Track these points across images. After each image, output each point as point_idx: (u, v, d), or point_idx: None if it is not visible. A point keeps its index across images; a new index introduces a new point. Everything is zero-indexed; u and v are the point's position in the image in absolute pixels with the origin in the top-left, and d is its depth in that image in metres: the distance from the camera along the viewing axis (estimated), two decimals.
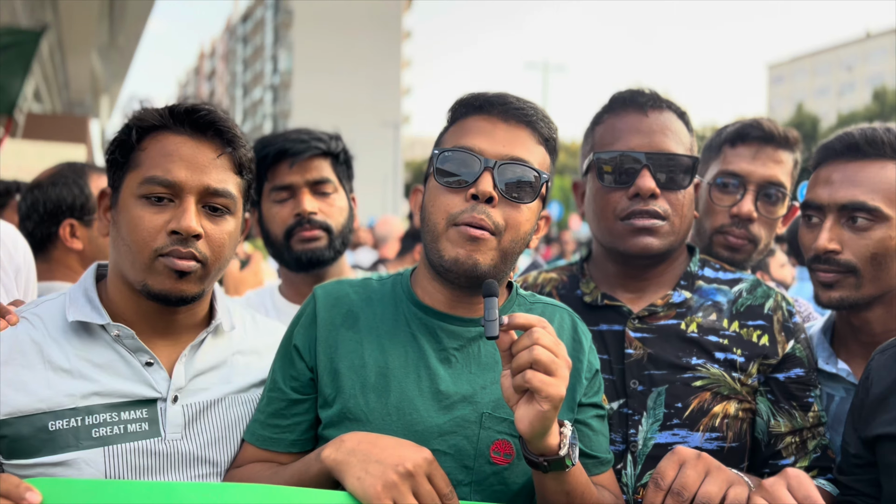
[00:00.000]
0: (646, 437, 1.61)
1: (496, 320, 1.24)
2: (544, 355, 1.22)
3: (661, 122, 1.68)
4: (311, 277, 2.10)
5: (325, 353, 1.48)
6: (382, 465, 1.26)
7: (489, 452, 1.41)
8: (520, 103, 1.47)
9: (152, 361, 1.48)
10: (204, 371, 1.55)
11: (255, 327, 1.71)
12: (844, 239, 1.69)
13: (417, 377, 1.44)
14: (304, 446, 1.50)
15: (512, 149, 1.42)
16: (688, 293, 1.71)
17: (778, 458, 1.65)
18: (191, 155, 1.45)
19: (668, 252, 1.69)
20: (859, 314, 1.74)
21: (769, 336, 1.67)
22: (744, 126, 2.05)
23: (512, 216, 1.41)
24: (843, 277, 1.69)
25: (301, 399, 1.49)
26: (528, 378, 1.21)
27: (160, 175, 1.43)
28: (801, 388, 1.67)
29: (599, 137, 1.74)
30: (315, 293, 1.56)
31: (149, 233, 1.42)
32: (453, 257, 1.39)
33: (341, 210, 2.09)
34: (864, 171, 1.69)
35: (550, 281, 1.84)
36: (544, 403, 1.21)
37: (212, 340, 1.58)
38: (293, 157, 2.03)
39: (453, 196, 1.41)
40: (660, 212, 1.64)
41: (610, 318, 1.71)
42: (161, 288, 1.44)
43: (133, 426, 1.44)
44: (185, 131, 1.47)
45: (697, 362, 1.63)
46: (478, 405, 1.43)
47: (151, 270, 1.43)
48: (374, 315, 1.51)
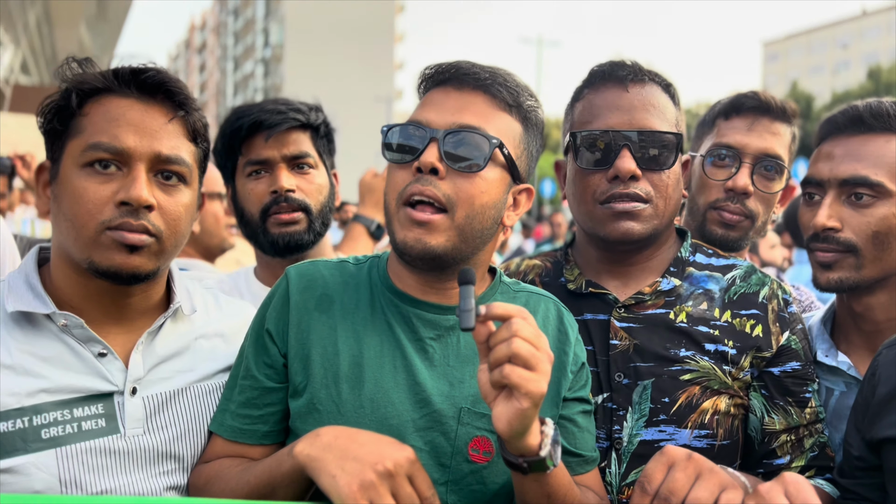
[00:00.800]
0: (631, 433, 1.51)
1: (472, 310, 1.13)
2: (524, 348, 1.11)
3: (642, 97, 1.55)
4: (288, 261, 1.95)
5: (296, 338, 1.38)
6: (360, 462, 1.16)
7: (467, 450, 1.32)
8: (475, 68, 1.35)
9: (105, 352, 1.36)
10: (164, 359, 1.43)
11: (218, 309, 1.59)
12: (845, 216, 1.59)
13: (393, 368, 1.34)
14: (278, 438, 1.41)
15: (461, 116, 1.32)
16: (677, 280, 1.60)
17: (772, 458, 1.55)
18: (139, 119, 1.33)
19: (653, 237, 1.57)
20: (861, 299, 1.64)
21: (763, 327, 1.57)
22: (738, 97, 1.95)
23: (462, 188, 1.30)
24: (842, 257, 1.59)
25: (275, 387, 1.39)
26: (506, 373, 1.11)
27: (106, 141, 1.30)
28: (798, 383, 1.57)
29: (578, 115, 1.62)
30: (288, 274, 1.45)
31: (94, 204, 1.29)
32: (402, 240, 1.31)
33: (321, 188, 1.95)
34: (868, 145, 1.59)
35: (534, 268, 1.73)
36: (524, 401, 1.11)
37: (171, 325, 1.47)
38: (269, 129, 1.88)
39: (401, 172, 1.33)
40: (641, 194, 1.53)
41: (595, 307, 1.60)
42: (110, 264, 1.31)
43: (88, 423, 1.32)
44: (132, 94, 1.35)
45: (686, 354, 1.53)
46: (456, 399, 1.33)
47: (98, 245, 1.30)
48: (349, 300, 1.41)
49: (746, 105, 1.93)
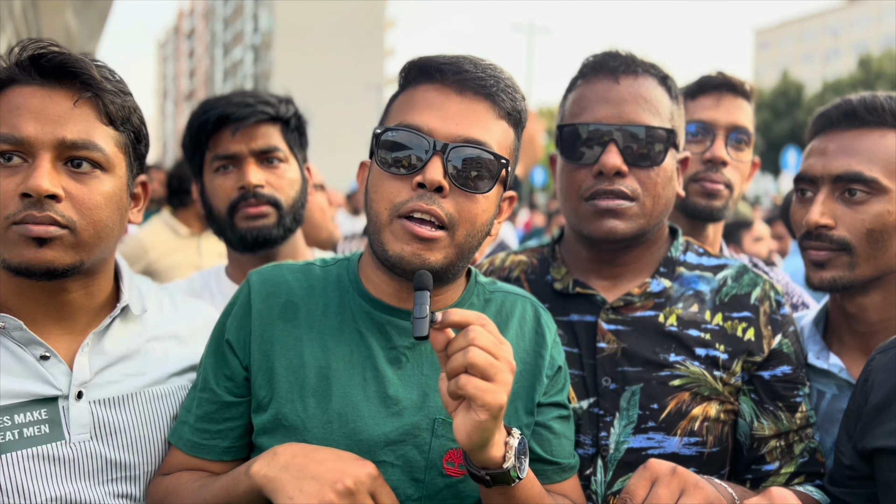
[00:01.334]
0: (618, 440, 1.45)
1: (426, 317, 1.08)
2: (480, 358, 1.05)
3: (633, 90, 1.48)
4: (259, 258, 1.89)
5: (259, 349, 1.31)
6: (319, 481, 1.10)
7: (442, 463, 1.26)
8: (478, 70, 1.26)
9: (48, 354, 1.30)
10: (113, 362, 1.37)
11: (173, 309, 1.52)
12: (838, 213, 1.54)
13: (363, 380, 1.27)
14: (239, 454, 1.34)
15: (466, 128, 1.23)
16: (667, 281, 1.54)
17: (761, 464, 1.50)
18: (40, 106, 1.25)
19: (640, 236, 1.51)
20: (854, 300, 1.58)
21: (755, 330, 1.51)
22: (701, 78, 2.08)
23: (466, 207, 1.23)
24: (835, 256, 1.54)
25: (235, 402, 1.32)
26: (462, 384, 1.05)
27: (6, 132, 1.23)
28: (788, 387, 1.51)
29: (569, 107, 1.55)
30: (249, 279, 1.37)
31: (1, 200, 1.22)
32: (397, 253, 1.22)
33: (292, 182, 1.87)
34: (862, 140, 1.53)
35: (519, 264, 1.66)
36: (481, 413, 1.05)
37: (121, 326, 1.40)
38: (236, 122, 1.80)
39: (398, 183, 1.22)
40: (627, 192, 1.46)
41: (582, 308, 1.54)
42: (20, 260, 1.23)
43: (30, 430, 1.26)
44: (34, 80, 1.27)
45: (676, 359, 1.47)
46: (430, 410, 1.27)
47: (6, 242, 1.23)
48: (315, 307, 1.33)
49: (711, 83, 2.05)
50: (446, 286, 1.32)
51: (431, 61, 1.28)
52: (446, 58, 1.28)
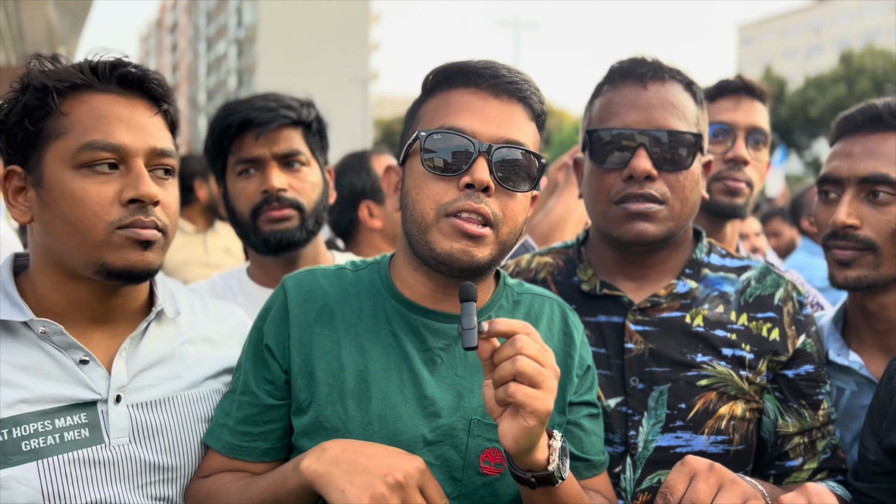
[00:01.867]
0: (646, 438, 1.49)
1: (475, 328, 1.11)
2: (529, 366, 1.09)
3: (661, 96, 1.52)
4: (282, 260, 1.92)
5: (299, 353, 1.33)
6: (369, 475, 1.13)
7: (479, 462, 1.29)
8: (512, 75, 1.32)
9: (87, 359, 1.31)
10: (150, 365, 1.39)
11: (205, 312, 1.54)
12: (864, 214, 1.59)
13: (400, 381, 1.30)
14: (279, 455, 1.37)
15: (506, 129, 1.28)
16: (693, 283, 1.57)
17: (785, 460, 1.54)
18: (129, 115, 1.30)
19: (668, 238, 1.54)
20: (875, 298, 1.63)
21: (779, 330, 1.55)
22: (721, 82, 2.17)
23: (509, 206, 1.28)
24: (860, 255, 1.58)
25: (276, 404, 1.35)
26: (511, 392, 1.09)
27: (100, 139, 1.26)
28: (811, 386, 1.55)
29: (596, 112, 1.58)
30: (285, 285, 1.39)
31: (100, 206, 1.26)
32: (447, 251, 1.25)
33: (314, 185, 1.89)
34: (887, 143, 1.58)
35: (545, 266, 1.69)
36: (530, 419, 1.09)
37: (156, 329, 1.42)
38: (259, 127, 1.82)
39: (443, 184, 1.26)
40: (657, 195, 1.49)
41: (609, 309, 1.57)
42: (125, 264, 1.28)
43: (70, 434, 1.27)
44: (114, 89, 1.31)
45: (703, 360, 1.51)
46: (466, 411, 1.30)
47: (110, 246, 1.27)
48: (351, 311, 1.36)
49: (731, 87, 2.14)
50: (478, 285, 1.34)
51: (467, 66, 1.33)
52: (481, 62, 1.33)
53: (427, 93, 1.37)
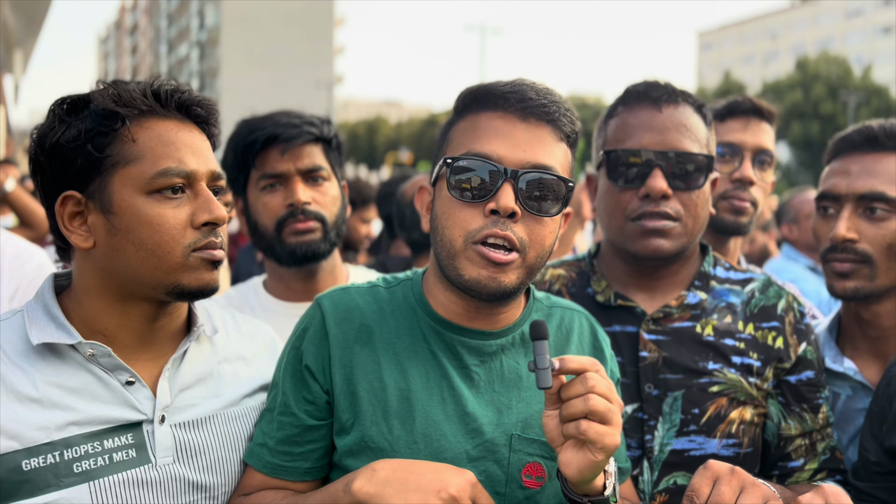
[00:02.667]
0: (662, 442, 1.57)
1: (549, 368, 1.15)
2: (601, 405, 1.14)
3: (675, 119, 1.60)
4: (302, 273, 1.96)
5: (340, 373, 1.35)
6: (423, 492, 1.16)
7: (521, 477, 1.33)
8: (539, 97, 1.32)
9: (133, 380, 1.32)
10: (190, 385, 1.40)
11: (237, 329, 1.57)
12: (861, 228, 1.69)
13: (441, 399, 1.34)
14: (320, 474, 1.39)
15: (533, 154, 1.29)
16: (703, 294, 1.66)
17: (787, 461, 1.64)
18: (190, 141, 1.34)
19: (681, 253, 1.63)
20: (870, 307, 1.74)
21: (783, 338, 1.64)
22: (731, 102, 2.22)
23: (536, 231, 1.30)
24: (858, 268, 1.69)
25: (317, 425, 1.37)
26: (583, 430, 1.13)
27: (174, 166, 1.29)
28: (812, 390, 1.65)
29: (612, 133, 1.66)
30: (321, 304, 1.42)
31: (177, 230, 1.29)
32: (474, 278, 1.28)
33: (335, 199, 1.95)
34: (882, 163, 1.70)
35: (559, 278, 1.76)
36: (598, 454, 1.15)
37: (195, 349, 1.44)
38: (285, 143, 1.87)
39: (470, 210, 1.28)
40: (671, 213, 1.58)
41: (623, 319, 1.65)
42: (199, 284, 1.32)
43: (119, 454, 1.29)
44: (172, 115, 1.34)
45: (714, 367, 1.59)
46: (506, 426, 1.34)
47: (186, 268, 1.30)
48: (388, 329, 1.38)
49: (741, 108, 2.20)
50: (510, 304, 1.39)
51: (495, 89, 1.34)
52: (508, 85, 1.34)
53: (458, 114, 1.39)
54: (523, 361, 1.40)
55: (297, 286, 1.97)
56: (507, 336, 1.39)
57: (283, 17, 76.92)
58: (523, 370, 1.39)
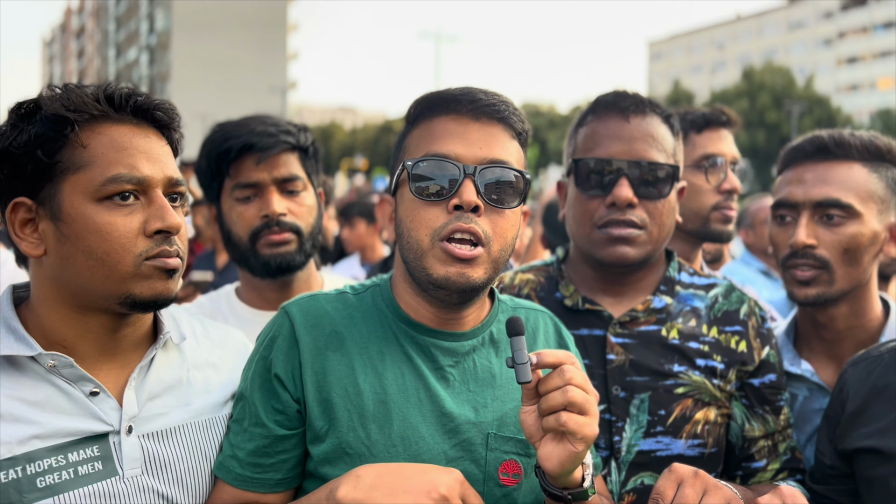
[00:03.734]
0: (629, 443, 1.60)
1: (527, 363, 1.18)
2: (579, 396, 1.17)
3: (642, 129, 1.64)
4: (277, 283, 1.93)
5: (313, 381, 1.34)
6: (412, 494, 1.16)
7: (498, 474, 1.35)
8: (489, 98, 1.36)
9: (98, 390, 1.29)
10: (159, 394, 1.37)
11: (207, 336, 1.54)
12: (819, 235, 1.74)
13: (418, 401, 1.34)
14: (292, 484, 1.37)
15: (489, 150, 1.33)
16: (668, 299, 1.70)
17: (751, 461, 1.68)
18: (146, 146, 1.30)
19: (646, 260, 1.67)
20: (825, 311, 1.80)
21: (746, 342, 1.69)
22: (709, 113, 2.29)
23: (498, 224, 1.32)
24: (818, 274, 1.74)
25: (287, 434, 1.35)
26: (563, 421, 1.16)
27: (125, 172, 1.26)
28: (774, 393, 1.70)
29: (581, 141, 1.70)
30: (289, 312, 1.40)
31: (127, 238, 1.26)
32: (443, 276, 1.30)
33: (311, 209, 1.92)
34: (835, 171, 1.75)
35: (528, 283, 1.79)
36: (578, 444, 1.17)
37: (162, 356, 1.41)
38: (261, 152, 1.83)
39: (434, 209, 1.31)
40: (637, 221, 1.62)
41: (591, 323, 1.68)
42: (151, 293, 1.28)
43: (84, 468, 1.25)
44: (128, 119, 1.30)
45: (679, 369, 1.63)
46: (482, 425, 1.36)
47: (138, 277, 1.27)
48: (360, 334, 1.38)
49: (719, 120, 2.28)
50: (476, 304, 1.41)
51: (446, 94, 1.38)
52: (457, 90, 1.38)
53: (410, 123, 1.42)
54: (495, 360, 1.42)
55: (270, 295, 1.95)
56: (477, 336, 1.41)
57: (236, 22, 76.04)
58: (496, 369, 1.41)
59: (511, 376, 1.41)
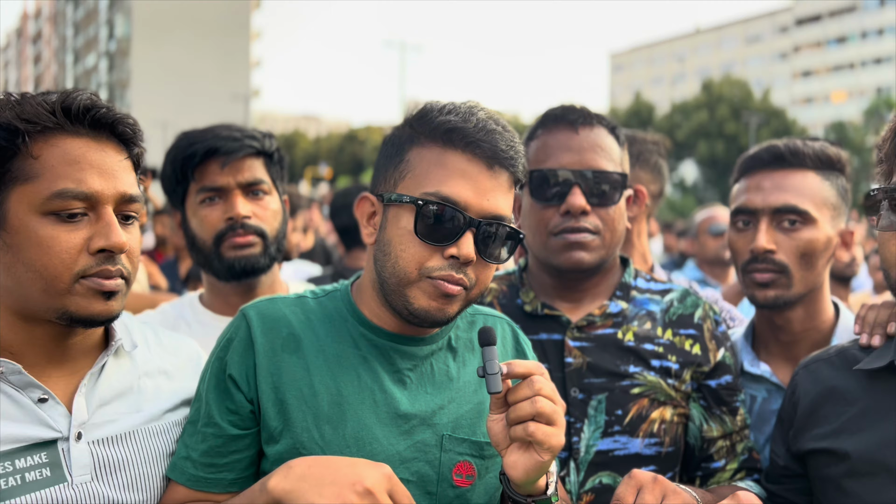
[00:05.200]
0: (588, 444, 1.64)
1: (498, 373, 1.20)
2: (548, 407, 1.19)
3: (591, 140, 1.71)
4: (241, 287, 1.94)
5: (267, 382, 1.36)
6: (338, 485, 1.17)
7: (452, 476, 1.38)
8: (506, 143, 1.35)
9: (46, 397, 1.29)
10: (109, 400, 1.37)
11: (159, 344, 1.54)
12: (778, 240, 1.81)
13: (374, 402, 1.37)
14: (245, 485, 1.37)
15: (496, 203, 1.34)
16: (624, 303, 1.75)
17: (710, 462, 1.73)
18: (100, 160, 1.28)
19: (601, 265, 1.73)
20: (783, 313, 1.86)
21: (700, 345, 1.75)
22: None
23: (483, 273, 1.37)
24: (777, 277, 1.81)
25: (240, 434, 1.36)
26: (531, 431, 1.18)
27: (73, 187, 1.24)
28: (730, 394, 1.76)
29: (533, 154, 1.76)
30: (247, 315, 1.41)
31: (68, 254, 1.24)
32: (423, 308, 1.33)
33: (275, 214, 1.94)
34: (791, 179, 1.83)
35: (491, 291, 1.83)
36: (544, 454, 1.20)
37: (114, 363, 1.41)
38: (225, 156, 1.85)
39: (430, 250, 1.32)
40: (590, 227, 1.68)
41: (550, 328, 1.72)
42: (88, 313, 1.27)
43: (32, 474, 1.24)
44: (85, 132, 1.28)
45: (635, 370, 1.68)
46: (437, 427, 1.38)
47: (72, 295, 1.25)
48: (317, 337, 1.40)
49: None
50: None
51: (466, 130, 1.34)
52: (480, 128, 1.34)
53: (422, 135, 1.37)
54: (453, 364, 1.45)
55: (234, 300, 1.95)
56: (437, 342, 1.44)
57: (198, 29, 75.29)
58: (453, 372, 1.44)
59: (467, 379, 1.44)
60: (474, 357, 1.47)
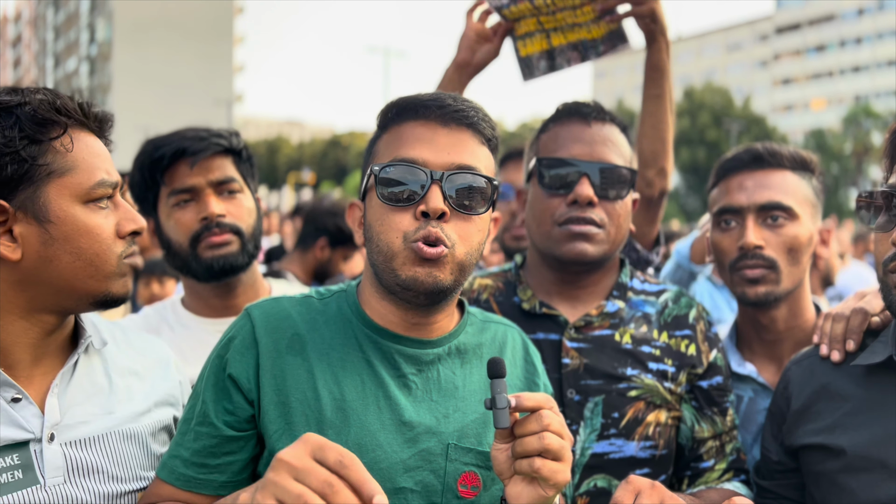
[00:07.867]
0: (583, 446, 1.63)
1: (507, 408, 1.17)
2: (555, 442, 1.17)
3: (603, 134, 1.71)
4: (221, 288, 1.92)
5: (269, 383, 1.32)
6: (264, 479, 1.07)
7: (457, 486, 1.33)
8: (458, 103, 1.36)
9: (20, 396, 1.27)
10: (81, 401, 1.35)
11: (128, 344, 1.53)
12: (765, 237, 1.83)
13: (378, 409, 1.33)
14: (237, 488, 1.32)
15: (457, 155, 1.33)
16: (620, 303, 1.74)
17: (700, 461, 1.73)
18: (106, 153, 1.38)
19: (602, 260, 1.71)
20: (767, 312, 1.87)
21: (695, 346, 1.74)
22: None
23: (465, 229, 1.33)
24: (767, 273, 1.82)
25: (236, 436, 1.32)
26: (537, 467, 1.16)
27: (106, 177, 1.34)
28: (721, 395, 1.75)
29: (543, 144, 1.76)
30: (251, 314, 1.39)
31: (111, 239, 1.34)
32: (411, 276, 1.29)
33: (250, 211, 1.92)
34: (771, 178, 1.86)
35: (486, 288, 1.81)
36: (549, 490, 1.18)
37: (85, 362, 1.40)
38: (193, 156, 1.83)
39: (402, 214, 1.31)
40: (596, 220, 1.67)
41: (547, 327, 1.71)
42: (124, 291, 1.38)
43: (4, 476, 1.22)
44: (90, 126, 1.37)
45: (632, 373, 1.67)
46: (442, 436, 1.34)
47: (117, 276, 1.36)
48: (321, 339, 1.37)
49: None
50: (444, 310, 1.41)
51: (415, 99, 1.38)
52: (428, 95, 1.39)
53: (381, 129, 1.42)
54: (459, 372, 1.41)
55: (215, 302, 1.93)
56: (443, 346, 1.41)
57: (180, 33, 74.90)
58: (459, 380, 1.40)
59: (474, 388, 1.41)
60: (481, 364, 1.44)
